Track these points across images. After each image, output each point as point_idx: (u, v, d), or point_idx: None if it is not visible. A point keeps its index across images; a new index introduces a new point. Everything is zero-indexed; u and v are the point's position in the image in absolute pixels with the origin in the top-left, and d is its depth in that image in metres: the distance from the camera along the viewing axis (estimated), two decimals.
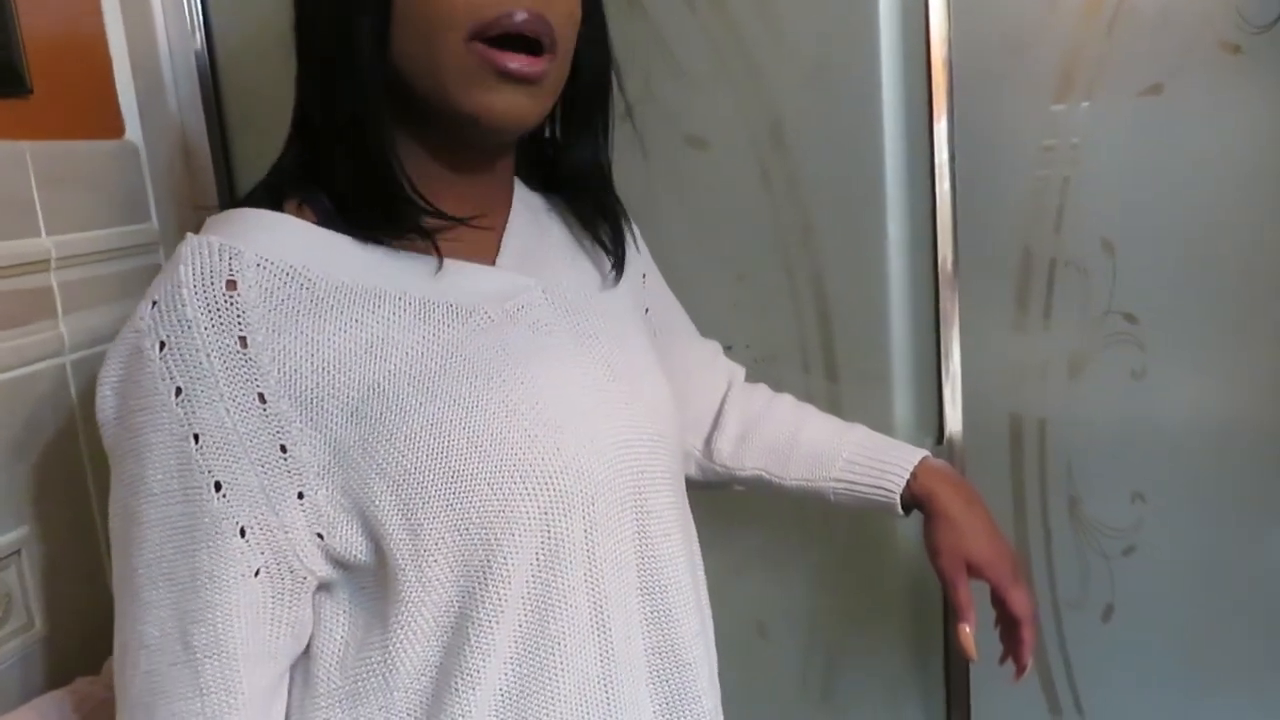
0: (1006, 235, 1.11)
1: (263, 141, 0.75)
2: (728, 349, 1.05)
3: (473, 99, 0.66)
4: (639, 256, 0.93)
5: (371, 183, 0.68)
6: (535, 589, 0.68)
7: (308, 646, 0.69)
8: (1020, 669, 0.92)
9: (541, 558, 0.67)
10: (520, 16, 0.64)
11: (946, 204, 1.10)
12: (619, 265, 0.83)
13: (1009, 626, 0.92)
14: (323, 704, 0.68)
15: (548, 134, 0.81)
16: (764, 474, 0.96)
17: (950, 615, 1.16)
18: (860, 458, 0.94)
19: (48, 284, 0.93)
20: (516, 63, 0.65)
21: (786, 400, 1.01)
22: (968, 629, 0.89)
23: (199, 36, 1.15)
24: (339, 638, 0.69)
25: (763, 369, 1.13)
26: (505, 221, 0.78)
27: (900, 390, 1.16)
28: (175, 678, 0.65)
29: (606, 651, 0.71)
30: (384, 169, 0.67)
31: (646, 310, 0.92)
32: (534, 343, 0.72)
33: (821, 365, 1.16)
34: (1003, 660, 0.93)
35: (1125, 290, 1.10)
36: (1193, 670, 1.15)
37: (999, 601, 0.91)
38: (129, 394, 0.64)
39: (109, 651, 0.91)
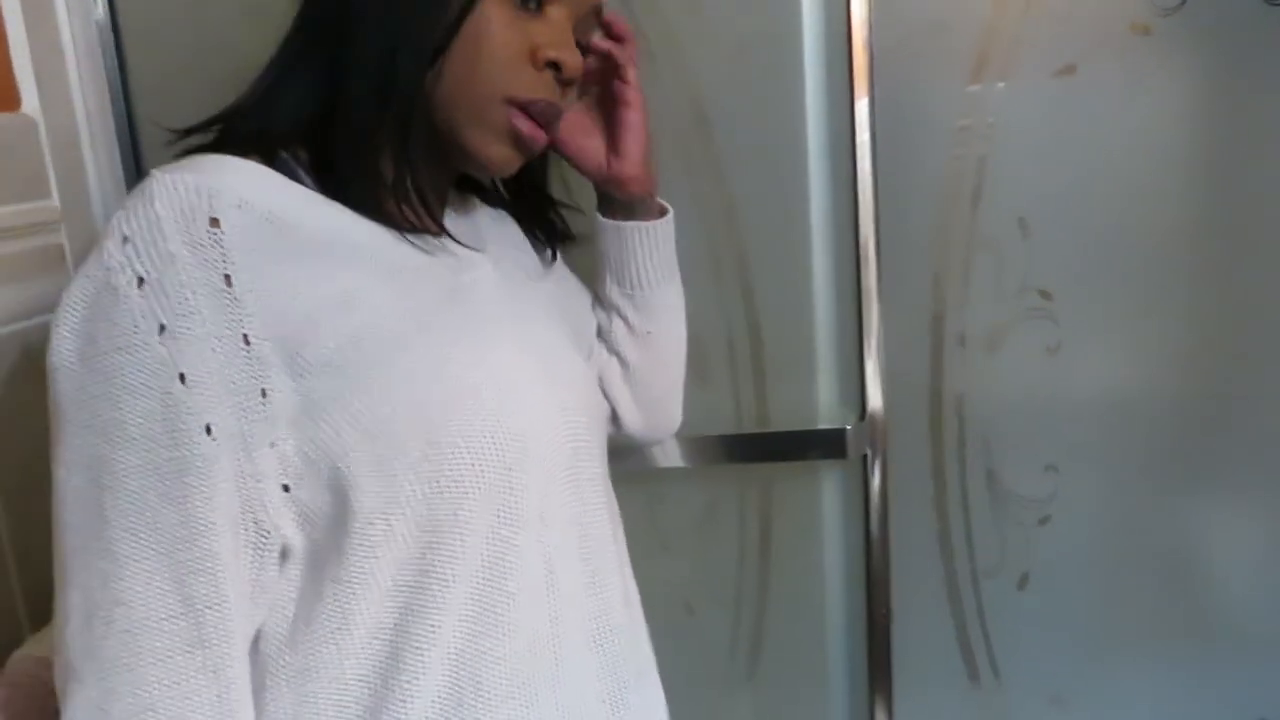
0: (925, 214, 1.13)
1: (169, 112, 0.72)
2: None
3: (486, 146, 0.73)
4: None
5: (387, 186, 0.71)
6: (494, 545, 0.68)
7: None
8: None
9: (502, 514, 0.68)
10: (553, 103, 0.74)
11: (868, 183, 1.11)
12: (554, 253, 0.90)
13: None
14: (269, 684, 0.67)
15: None
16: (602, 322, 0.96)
17: (875, 594, 1.19)
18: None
19: None
20: (531, 131, 0.73)
21: None
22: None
23: (100, 2, 1.10)
24: (289, 614, 0.67)
25: (687, 347, 1.13)
26: (446, 197, 0.81)
27: (823, 368, 1.17)
28: (169, 632, 0.61)
29: (555, 612, 0.72)
30: (404, 182, 0.71)
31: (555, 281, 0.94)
32: (489, 311, 0.74)
33: (746, 343, 1.17)
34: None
35: (1040, 267, 1.12)
36: (1106, 635, 1.19)
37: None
38: (99, 334, 0.60)
39: (12, 647, 0.89)
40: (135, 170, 1.12)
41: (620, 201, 0.90)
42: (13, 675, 0.83)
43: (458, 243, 0.75)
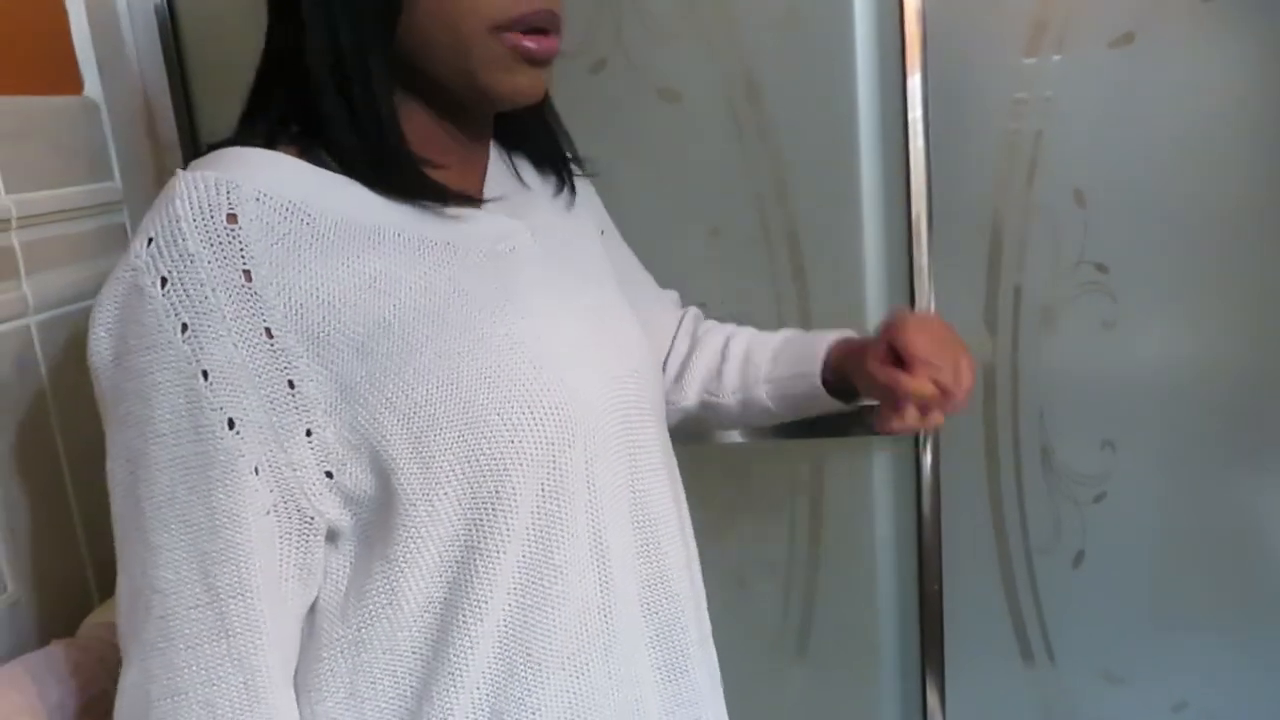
0: (979, 190, 1.11)
1: (227, 95, 0.74)
2: (701, 306, 1.05)
3: (499, 81, 0.69)
4: (595, 210, 0.94)
5: (386, 160, 0.69)
6: (540, 519, 0.69)
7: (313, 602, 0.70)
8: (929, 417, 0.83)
9: (547, 488, 0.68)
10: (540, 10, 0.68)
11: (920, 159, 1.10)
12: (571, 180, 0.85)
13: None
14: (325, 655, 0.69)
15: None
16: (706, 397, 0.96)
17: (926, 571, 1.18)
18: (781, 351, 0.93)
19: (9, 244, 0.91)
20: (538, 45, 0.69)
21: (719, 326, 1.01)
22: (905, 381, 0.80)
23: None
24: (342, 588, 0.69)
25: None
26: (484, 170, 0.78)
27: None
28: (196, 620, 0.64)
29: (606, 581, 0.72)
30: (399, 150, 0.68)
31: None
32: (527, 279, 0.73)
33: (796, 321, 1.16)
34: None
35: (1097, 241, 1.10)
36: (1161, 613, 1.17)
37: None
38: (129, 334, 0.62)
39: (82, 614, 0.92)
40: (194, 151, 1.15)
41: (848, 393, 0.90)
42: (84, 640, 0.86)
43: (472, 205, 0.73)
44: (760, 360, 0.94)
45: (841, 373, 0.90)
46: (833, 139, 1.11)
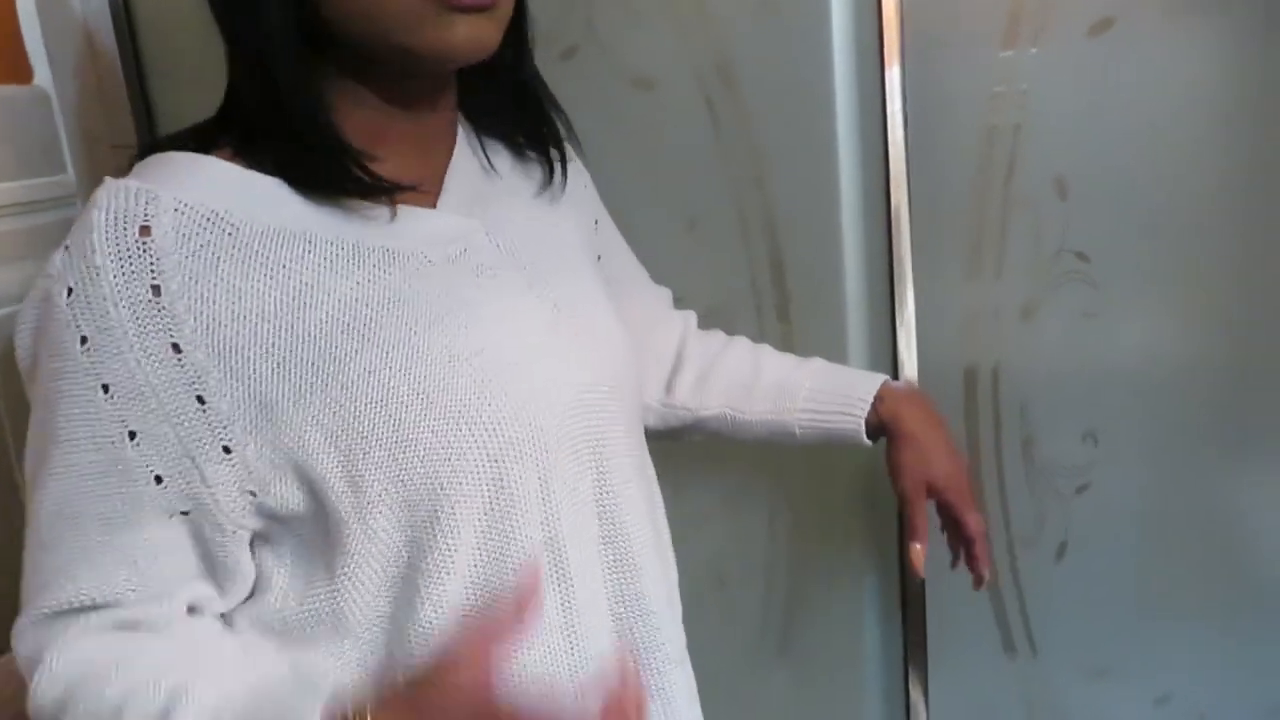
0: (959, 184, 1.09)
1: (184, 85, 0.71)
2: (678, 299, 1.02)
3: (427, 39, 0.62)
4: (590, 200, 0.90)
5: (313, 150, 0.64)
6: (489, 539, 0.66)
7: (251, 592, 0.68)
8: (979, 578, 0.93)
9: (494, 507, 0.66)
10: None
11: (900, 152, 1.08)
12: (563, 163, 0.81)
13: (958, 540, 0.93)
14: (272, 644, 0.67)
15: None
16: (728, 411, 0.94)
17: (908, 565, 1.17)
18: (824, 387, 0.93)
19: None
20: None
21: (743, 341, 0.99)
22: (919, 547, 0.90)
23: None
24: (279, 586, 0.67)
25: (715, 320, 1.11)
26: (449, 161, 0.74)
27: (855, 341, 1.15)
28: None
29: (567, 600, 0.70)
30: (324, 136, 0.64)
31: (599, 258, 0.89)
32: (477, 286, 0.69)
33: (774, 316, 1.14)
34: (953, 565, 0.95)
35: (1077, 230, 1.09)
36: (1145, 605, 1.17)
37: (953, 521, 0.92)
38: (40, 341, 0.62)
39: None
40: (151, 143, 1.11)
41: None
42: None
43: (421, 201, 0.69)
44: (794, 389, 0.93)
45: (878, 430, 0.92)
46: (810, 128, 1.09)
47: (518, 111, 0.78)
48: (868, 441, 0.92)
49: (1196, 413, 1.12)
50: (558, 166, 0.81)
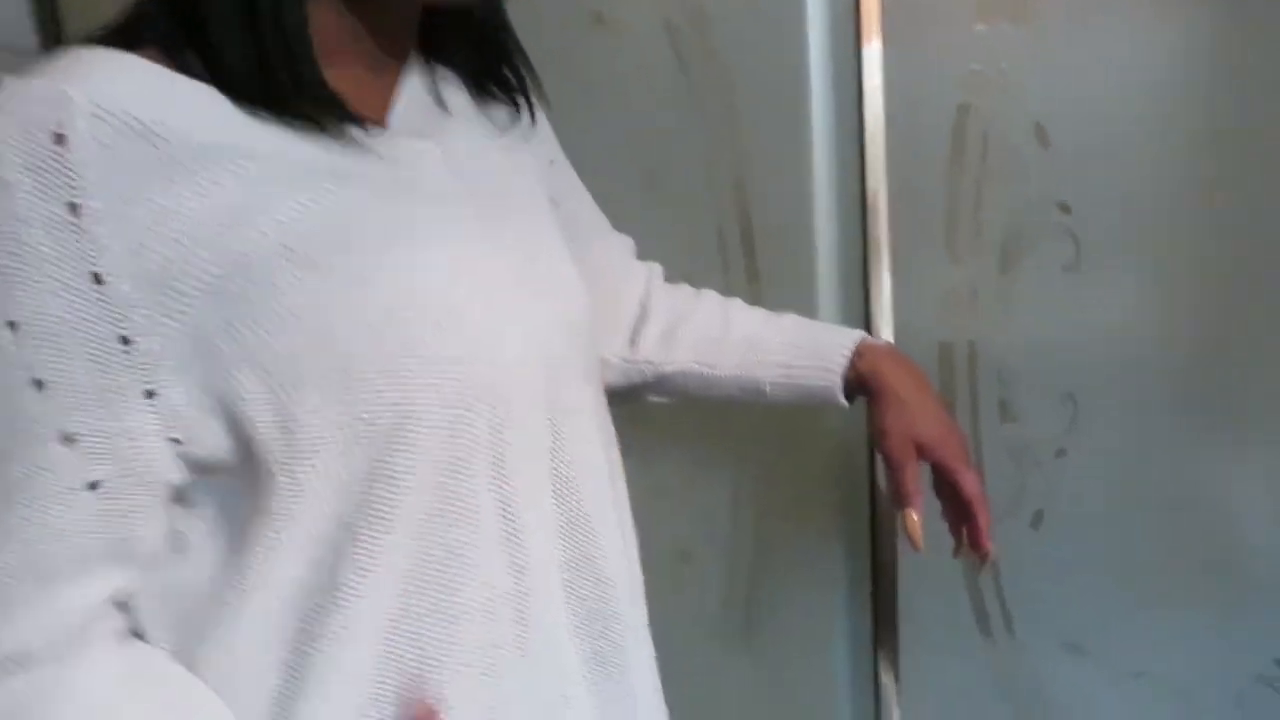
0: (935, 153, 1.04)
1: None
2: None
3: None
4: (545, 140, 0.85)
5: (265, 51, 0.57)
6: (434, 494, 0.60)
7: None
8: (983, 556, 0.86)
9: (441, 460, 0.59)
10: None
11: (879, 128, 1.03)
12: (530, 107, 0.77)
13: (959, 513, 0.87)
14: (193, 643, 0.59)
15: None
16: (695, 365, 0.89)
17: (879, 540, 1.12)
18: (798, 342, 0.88)
19: None
20: None
21: (712, 294, 0.94)
22: (915, 516, 0.84)
23: None
24: (196, 547, 0.59)
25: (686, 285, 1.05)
26: (399, 79, 0.68)
27: (826, 308, 1.10)
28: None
29: (519, 564, 0.64)
30: (288, 35, 0.57)
31: (555, 202, 0.83)
32: (432, 213, 0.63)
33: (742, 276, 1.08)
34: (956, 552, 0.88)
35: (1057, 191, 1.04)
36: (1123, 578, 1.13)
37: (948, 484, 0.86)
38: None
39: None
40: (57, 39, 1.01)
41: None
42: None
43: (372, 123, 0.62)
44: (766, 342, 0.88)
45: (857, 388, 0.87)
46: (784, 74, 1.03)
47: (484, 54, 0.74)
48: (844, 401, 0.87)
49: (1180, 374, 1.08)
50: (524, 109, 0.76)
